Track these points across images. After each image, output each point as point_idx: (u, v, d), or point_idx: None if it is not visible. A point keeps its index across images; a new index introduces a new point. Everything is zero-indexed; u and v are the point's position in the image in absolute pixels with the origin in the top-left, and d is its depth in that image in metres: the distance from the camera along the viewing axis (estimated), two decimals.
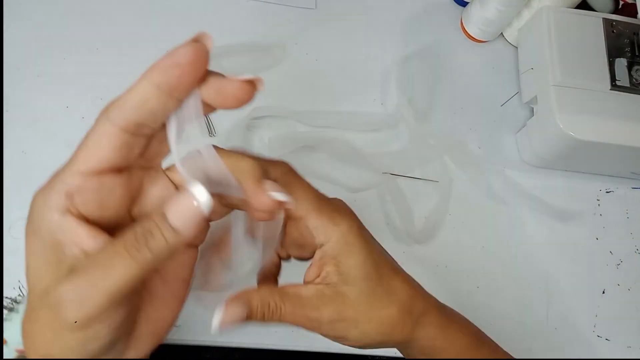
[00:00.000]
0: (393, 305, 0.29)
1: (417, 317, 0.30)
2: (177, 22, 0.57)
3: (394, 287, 0.29)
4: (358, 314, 0.28)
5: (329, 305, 0.27)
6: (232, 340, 0.46)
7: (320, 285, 0.28)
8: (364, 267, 0.28)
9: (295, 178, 0.28)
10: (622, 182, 0.59)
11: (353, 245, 0.28)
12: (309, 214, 0.28)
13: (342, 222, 0.28)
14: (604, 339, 0.51)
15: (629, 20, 0.56)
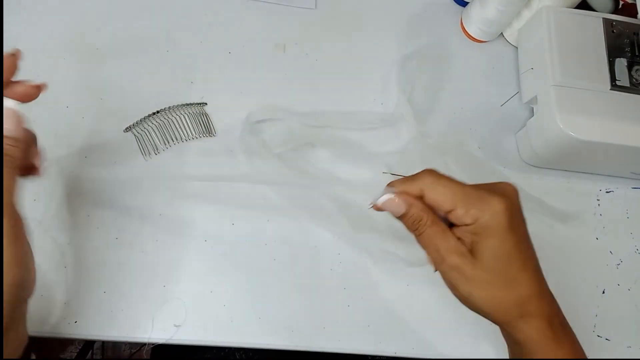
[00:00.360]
0: (507, 292, 0.33)
1: (523, 313, 0.33)
2: (176, 22, 0.57)
3: (516, 278, 0.33)
4: (475, 280, 0.33)
5: (458, 257, 0.33)
6: (232, 340, 0.46)
7: (459, 242, 0.33)
8: (496, 251, 0.32)
9: (439, 181, 0.33)
10: (622, 182, 0.59)
11: (493, 230, 0.32)
12: (456, 205, 0.32)
13: (489, 208, 0.32)
14: (604, 339, 0.51)
15: (629, 20, 0.56)
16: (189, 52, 0.56)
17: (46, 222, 0.47)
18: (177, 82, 0.54)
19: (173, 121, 0.51)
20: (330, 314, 0.48)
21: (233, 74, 0.56)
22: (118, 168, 0.50)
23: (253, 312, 0.47)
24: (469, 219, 0.32)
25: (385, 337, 0.48)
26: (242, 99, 0.55)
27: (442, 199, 0.33)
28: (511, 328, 0.34)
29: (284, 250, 0.49)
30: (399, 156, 0.55)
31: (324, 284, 0.49)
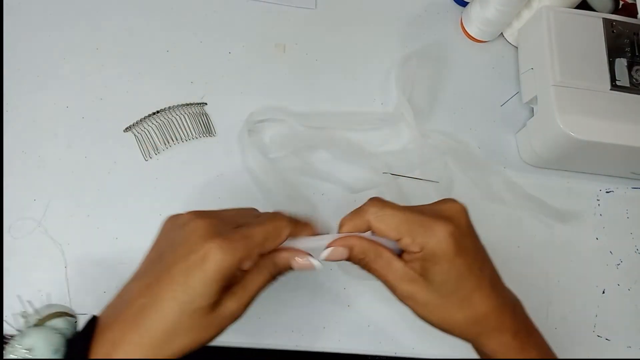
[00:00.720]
0: (462, 312, 0.33)
1: (483, 330, 0.34)
2: (177, 22, 0.57)
3: (470, 298, 0.33)
4: (429, 304, 0.33)
5: (408, 284, 0.34)
6: (232, 340, 0.46)
7: (408, 268, 0.34)
8: (446, 275, 0.33)
9: (383, 212, 0.34)
10: (622, 182, 0.59)
11: (441, 256, 0.32)
12: (402, 235, 0.33)
13: (433, 235, 0.32)
14: (604, 339, 0.51)
15: (629, 20, 0.56)
16: (189, 52, 0.56)
17: (46, 222, 0.47)
18: (177, 82, 0.54)
19: (173, 121, 0.51)
20: (330, 314, 0.48)
21: (233, 74, 0.56)
22: (118, 168, 0.50)
23: (253, 312, 0.47)
24: (415, 247, 0.33)
25: (385, 337, 0.48)
26: (242, 99, 0.55)
27: (387, 229, 0.33)
28: (476, 344, 0.35)
29: None
30: (399, 156, 0.55)
31: (324, 284, 0.49)
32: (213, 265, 0.30)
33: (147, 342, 0.30)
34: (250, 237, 0.32)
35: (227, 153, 0.52)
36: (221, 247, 0.30)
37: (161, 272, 0.31)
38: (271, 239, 0.33)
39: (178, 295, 0.30)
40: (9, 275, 0.44)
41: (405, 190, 0.54)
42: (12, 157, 0.48)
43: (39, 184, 0.48)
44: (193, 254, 0.30)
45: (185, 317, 0.30)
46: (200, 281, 0.30)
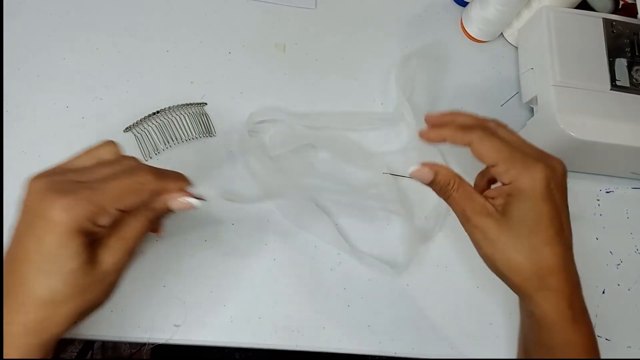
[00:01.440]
0: (528, 260, 0.33)
1: (542, 286, 0.33)
2: (177, 22, 0.57)
3: (540, 248, 0.33)
4: (498, 242, 0.33)
5: (485, 217, 0.34)
6: (232, 340, 0.46)
7: (488, 203, 0.34)
8: (525, 216, 0.32)
9: (488, 136, 0.34)
10: (622, 182, 0.59)
11: (527, 195, 0.32)
12: (499, 162, 0.33)
13: (529, 172, 0.32)
14: (604, 339, 0.51)
15: (629, 20, 0.56)
16: (189, 52, 0.56)
17: None
18: (177, 82, 0.54)
19: (173, 121, 0.51)
20: (330, 314, 0.48)
21: (233, 74, 0.56)
22: None
23: (253, 312, 0.47)
24: (507, 178, 0.33)
25: (385, 338, 0.48)
26: (242, 99, 0.55)
27: (486, 153, 0.34)
28: (528, 299, 0.34)
29: (284, 250, 0.49)
30: (399, 156, 0.55)
31: (324, 284, 0.49)
32: (60, 226, 0.28)
33: (29, 320, 0.29)
34: (101, 192, 0.30)
35: (227, 153, 0.52)
36: (63, 206, 0.28)
37: (15, 247, 0.30)
38: (130, 194, 0.31)
39: (40, 266, 0.29)
40: None
41: (405, 190, 0.54)
42: (12, 157, 0.48)
43: None
44: (38, 219, 0.29)
45: (58, 286, 0.29)
46: (55, 245, 0.28)
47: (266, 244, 0.49)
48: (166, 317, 0.45)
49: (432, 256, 0.52)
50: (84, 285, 0.30)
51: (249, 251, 0.49)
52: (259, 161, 0.51)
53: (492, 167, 0.34)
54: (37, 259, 0.29)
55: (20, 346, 0.29)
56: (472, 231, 0.35)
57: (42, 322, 0.29)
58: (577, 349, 0.33)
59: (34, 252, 0.29)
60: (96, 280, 0.30)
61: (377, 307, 0.48)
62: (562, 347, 0.33)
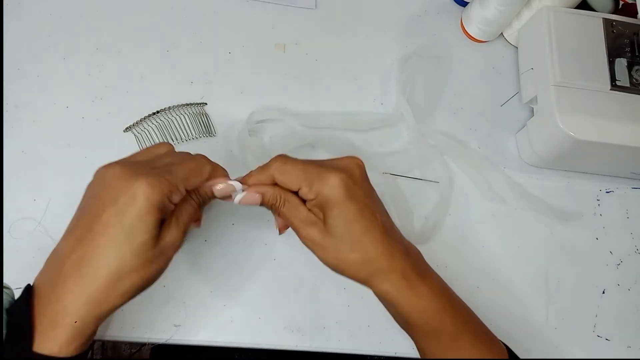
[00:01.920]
0: (353, 254, 0.37)
1: (374, 271, 0.37)
2: (176, 22, 0.57)
3: (360, 241, 0.37)
4: (325, 246, 0.37)
5: (310, 227, 0.37)
6: (232, 340, 0.46)
7: (311, 214, 0.38)
8: (338, 219, 0.36)
9: (285, 166, 0.38)
10: (622, 182, 0.59)
11: (333, 201, 0.36)
12: (301, 184, 0.37)
13: (326, 183, 0.36)
14: (604, 339, 0.51)
15: (629, 20, 0.56)
16: (189, 52, 0.56)
17: (46, 222, 0.47)
18: (177, 82, 0.55)
19: (173, 121, 0.52)
20: (330, 314, 0.48)
21: (233, 74, 0.56)
22: None
23: (253, 312, 0.47)
24: (312, 194, 0.37)
25: (385, 337, 0.48)
26: (242, 99, 0.55)
27: (288, 180, 0.38)
28: (368, 285, 0.38)
29: (284, 250, 0.49)
30: (399, 156, 0.55)
31: (324, 284, 0.49)
32: (144, 201, 0.32)
33: (93, 290, 0.32)
34: (174, 173, 0.35)
35: (227, 153, 0.52)
36: (148, 183, 0.32)
37: (91, 222, 0.33)
38: (194, 174, 0.37)
39: (116, 237, 0.32)
40: (8, 275, 0.44)
41: (405, 190, 0.54)
42: (12, 157, 0.48)
43: (39, 184, 0.48)
44: (121, 196, 0.32)
45: (128, 257, 0.32)
46: (135, 218, 0.32)
47: (266, 244, 0.49)
48: (166, 317, 0.45)
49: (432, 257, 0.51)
50: (148, 258, 0.33)
51: (249, 251, 0.49)
52: (258, 161, 0.51)
53: (298, 191, 0.38)
54: (114, 232, 0.32)
55: (78, 316, 0.32)
56: (303, 240, 0.38)
57: (106, 292, 0.32)
58: (425, 310, 0.37)
59: (112, 225, 0.32)
60: (157, 255, 0.34)
61: (377, 307, 0.48)
62: (412, 314, 0.37)
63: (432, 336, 0.38)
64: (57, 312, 0.32)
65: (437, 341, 0.38)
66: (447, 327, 0.37)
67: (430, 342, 0.38)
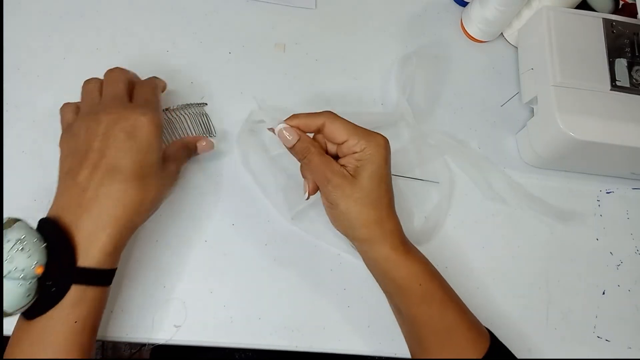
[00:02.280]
0: (374, 210, 0.40)
1: (383, 231, 0.41)
2: (177, 22, 0.57)
3: (381, 199, 0.41)
4: (352, 196, 0.40)
5: (342, 178, 0.40)
6: (232, 340, 0.46)
7: (342, 167, 0.41)
8: (372, 174, 0.40)
9: (336, 118, 0.41)
10: (622, 183, 0.59)
11: (374, 158, 0.40)
12: (350, 136, 0.40)
13: (375, 141, 0.40)
14: (604, 340, 0.51)
15: (629, 21, 0.56)
16: (189, 52, 0.56)
17: None
18: (177, 81, 0.54)
19: (173, 121, 0.51)
20: (330, 314, 0.48)
21: (233, 74, 0.56)
22: None
23: (253, 312, 0.47)
24: (358, 147, 0.40)
25: (385, 338, 0.48)
26: (242, 99, 0.55)
27: (338, 131, 0.41)
28: (372, 245, 0.41)
29: (284, 250, 0.49)
30: (399, 156, 0.55)
31: (324, 284, 0.49)
32: (149, 123, 0.39)
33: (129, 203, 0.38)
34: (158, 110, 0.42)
35: (227, 153, 0.52)
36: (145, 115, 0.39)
37: (102, 148, 0.38)
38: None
39: (133, 150, 0.38)
40: None
41: (406, 190, 0.54)
42: (12, 157, 0.48)
43: (39, 184, 0.48)
44: (124, 121, 0.38)
45: (151, 176, 0.39)
46: (146, 136, 0.39)
47: (266, 244, 0.49)
48: (166, 317, 0.45)
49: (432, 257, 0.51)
50: (159, 177, 0.40)
51: (249, 251, 0.49)
52: (259, 160, 0.51)
53: (344, 142, 0.41)
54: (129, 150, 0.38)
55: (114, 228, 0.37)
56: (331, 191, 0.40)
57: (136, 197, 0.38)
58: (418, 274, 0.41)
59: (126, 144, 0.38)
60: (164, 177, 0.41)
61: (377, 308, 0.48)
62: (407, 278, 0.40)
63: (424, 300, 0.40)
64: (93, 228, 0.36)
65: (428, 305, 0.40)
66: (437, 291, 0.41)
67: (421, 307, 0.40)
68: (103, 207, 0.37)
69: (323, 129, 0.41)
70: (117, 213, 0.37)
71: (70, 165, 0.39)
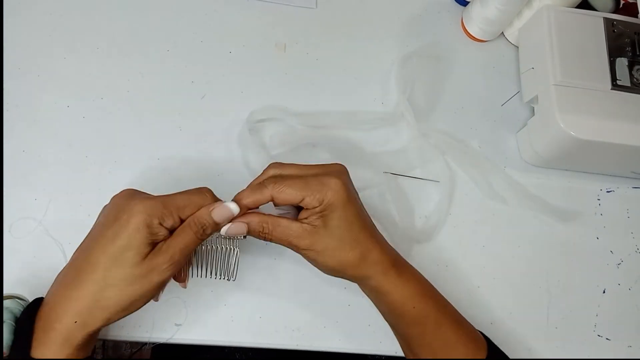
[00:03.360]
0: (352, 251, 0.39)
1: (369, 263, 0.39)
2: (177, 22, 0.57)
3: (358, 238, 0.39)
4: (327, 249, 0.39)
5: (307, 238, 0.38)
6: (233, 340, 0.46)
7: (305, 224, 0.39)
8: (340, 220, 0.38)
9: (282, 184, 0.38)
10: (622, 182, 0.59)
11: (336, 204, 0.38)
12: (304, 196, 0.38)
13: (329, 189, 0.38)
14: (605, 339, 0.51)
15: (630, 20, 0.56)
16: (189, 51, 0.56)
17: (46, 222, 0.47)
18: (178, 81, 0.54)
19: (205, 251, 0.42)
20: (330, 314, 0.48)
21: (233, 73, 0.56)
22: (118, 167, 0.50)
23: (253, 312, 0.47)
24: (316, 202, 0.38)
25: (386, 337, 0.48)
26: (242, 98, 0.55)
27: (290, 197, 0.38)
28: (365, 280, 0.40)
29: (284, 250, 0.49)
30: (399, 156, 0.55)
31: (324, 283, 0.49)
32: (136, 218, 0.34)
33: (79, 298, 0.34)
34: (170, 200, 0.36)
35: (227, 153, 0.52)
36: (142, 203, 0.35)
37: (96, 236, 0.36)
38: (192, 205, 0.37)
39: (108, 250, 0.34)
40: (9, 274, 0.44)
41: (406, 190, 0.54)
42: (12, 157, 0.48)
43: (39, 184, 0.48)
44: (121, 213, 0.35)
45: (113, 269, 0.34)
46: (126, 234, 0.34)
47: (266, 243, 0.49)
48: (167, 316, 0.45)
49: (432, 256, 0.52)
50: (133, 275, 0.34)
51: (250, 250, 0.49)
52: (259, 160, 0.51)
53: (300, 202, 0.38)
54: (106, 245, 0.34)
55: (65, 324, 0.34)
56: (305, 254, 0.39)
57: (90, 302, 0.34)
58: (413, 296, 0.40)
59: (107, 239, 0.34)
60: (141, 274, 0.35)
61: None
62: (400, 301, 0.40)
63: (419, 322, 0.40)
64: (49, 320, 0.34)
65: (422, 327, 0.40)
66: (431, 312, 0.40)
67: (416, 328, 0.40)
68: (66, 297, 0.35)
69: (274, 200, 0.39)
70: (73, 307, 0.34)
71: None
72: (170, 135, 0.52)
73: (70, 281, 0.35)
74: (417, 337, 0.41)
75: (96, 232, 0.36)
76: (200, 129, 0.53)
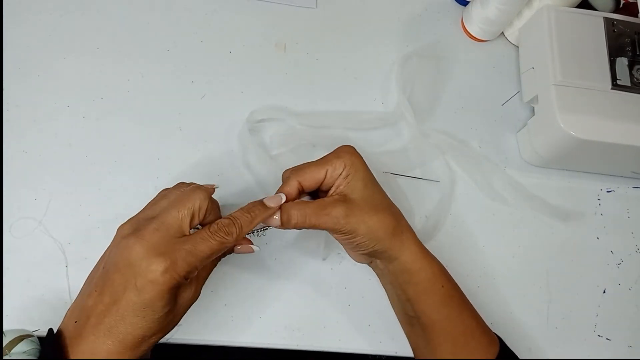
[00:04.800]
0: (388, 212, 0.40)
1: (398, 231, 0.40)
2: (177, 22, 0.57)
3: (382, 201, 0.40)
4: (363, 212, 0.38)
5: (342, 205, 0.38)
6: (232, 340, 0.46)
7: (335, 194, 0.39)
8: (366, 181, 0.40)
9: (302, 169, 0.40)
10: (622, 182, 0.59)
11: (357, 166, 0.40)
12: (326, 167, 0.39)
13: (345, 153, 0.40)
14: (605, 339, 0.51)
15: (630, 20, 0.56)
16: (189, 51, 0.56)
17: (46, 222, 0.47)
18: (178, 81, 0.55)
19: None
20: (330, 314, 0.48)
21: (233, 73, 0.56)
22: (118, 167, 0.50)
23: (253, 312, 0.47)
24: (340, 167, 0.39)
25: (386, 337, 0.48)
26: (242, 98, 0.55)
27: (314, 174, 0.40)
28: (399, 251, 0.40)
29: (284, 250, 0.49)
30: (399, 156, 0.55)
31: (325, 283, 0.49)
32: (161, 286, 0.33)
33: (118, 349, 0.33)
34: (195, 255, 0.34)
35: (227, 153, 0.52)
36: (165, 269, 0.33)
37: (116, 295, 0.33)
38: (216, 253, 0.36)
39: (139, 312, 0.33)
40: (9, 274, 0.44)
41: (406, 190, 0.54)
42: (12, 157, 0.49)
43: (39, 183, 0.48)
44: (139, 277, 0.33)
45: (151, 325, 0.34)
46: (155, 298, 0.33)
47: (266, 243, 0.49)
48: None
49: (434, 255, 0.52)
50: (169, 320, 0.35)
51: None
52: (259, 160, 0.51)
53: (324, 178, 0.40)
54: (136, 307, 0.33)
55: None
56: (345, 222, 0.38)
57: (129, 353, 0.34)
58: (438, 275, 0.40)
59: (134, 302, 0.33)
60: (176, 314, 0.36)
61: (377, 307, 0.48)
62: (431, 279, 0.40)
63: (445, 303, 0.39)
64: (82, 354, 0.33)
65: (449, 308, 0.40)
66: (455, 293, 0.40)
67: (443, 310, 0.39)
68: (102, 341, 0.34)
69: (301, 184, 0.40)
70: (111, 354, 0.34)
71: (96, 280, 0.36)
72: (170, 135, 0.52)
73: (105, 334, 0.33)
74: (440, 324, 0.39)
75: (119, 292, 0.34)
76: (200, 129, 0.53)
